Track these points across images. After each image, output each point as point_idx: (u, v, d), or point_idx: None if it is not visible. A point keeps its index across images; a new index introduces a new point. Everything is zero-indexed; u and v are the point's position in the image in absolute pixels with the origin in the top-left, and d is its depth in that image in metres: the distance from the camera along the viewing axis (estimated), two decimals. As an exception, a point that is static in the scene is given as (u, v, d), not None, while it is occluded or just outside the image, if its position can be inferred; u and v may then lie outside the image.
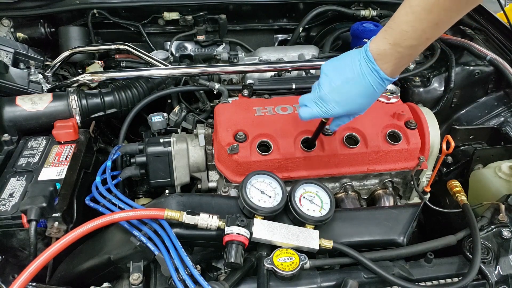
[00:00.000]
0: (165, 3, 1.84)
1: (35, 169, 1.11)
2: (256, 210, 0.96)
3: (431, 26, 0.81)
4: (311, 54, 1.72)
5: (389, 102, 1.30)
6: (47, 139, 1.23)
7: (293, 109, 1.25)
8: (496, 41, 1.70)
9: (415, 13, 0.80)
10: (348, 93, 0.91)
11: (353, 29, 1.73)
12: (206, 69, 1.48)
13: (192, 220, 0.93)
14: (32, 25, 1.68)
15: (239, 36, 1.99)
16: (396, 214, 1.09)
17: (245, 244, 0.92)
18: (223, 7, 1.89)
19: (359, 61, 0.89)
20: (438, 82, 1.58)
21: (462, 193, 1.16)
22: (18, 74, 1.39)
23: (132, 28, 1.88)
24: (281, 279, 0.92)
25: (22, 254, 1.00)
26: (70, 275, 0.99)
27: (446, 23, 0.83)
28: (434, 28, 0.81)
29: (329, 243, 0.96)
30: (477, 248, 0.97)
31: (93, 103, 1.35)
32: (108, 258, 0.94)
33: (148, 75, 1.45)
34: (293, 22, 2.02)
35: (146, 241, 0.91)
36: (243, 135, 1.14)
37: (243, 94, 1.34)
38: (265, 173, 1.04)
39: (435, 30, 0.82)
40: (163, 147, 1.21)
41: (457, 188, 1.18)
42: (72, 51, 1.52)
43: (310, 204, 1.02)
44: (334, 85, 0.92)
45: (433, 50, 1.64)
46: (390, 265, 0.98)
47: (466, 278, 0.92)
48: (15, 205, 0.99)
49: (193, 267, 0.86)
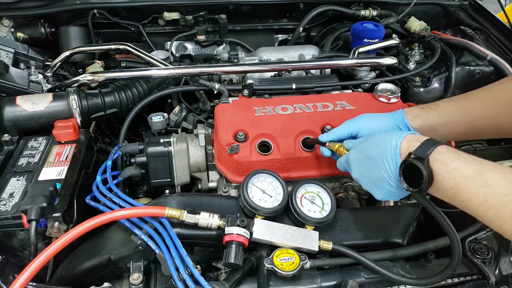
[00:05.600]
0: (165, 3, 1.84)
1: (35, 169, 1.11)
2: (257, 210, 0.96)
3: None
4: (311, 54, 1.72)
5: (389, 102, 1.31)
6: (47, 139, 1.23)
7: (293, 109, 1.25)
8: (497, 41, 1.69)
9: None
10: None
11: (353, 29, 1.73)
12: (206, 69, 1.48)
13: (193, 219, 0.93)
14: (32, 25, 1.68)
15: (239, 36, 1.99)
16: (396, 214, 1.09)
17: (245, 245, 0.92)
18: (223, 7, 1.89)
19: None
20: (439, 82, 1.58)
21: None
22: (19, 74, 1.39)
23: (132, 28, 1.88)
24: (281, 279, 0.92)
25: (22, 254, 1.00)
26: (70, 275, 0.99)
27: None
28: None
29: (328, 245, 0.96)
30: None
31: (93, 103, 1.35)
32: (108, 258, 0.94)
33: (148, 75, 1.45)
34: (293, 22, 2.02)
35: (147, 239, 0.92)
36: (243, 135, 1.14)
37: (243, 94, 1.34)
38: (267, 172, 1.04)
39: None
40: (163, 147, 1.21)
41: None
42: (72, 51, 1.52)
43: (311, 204, 1.02)
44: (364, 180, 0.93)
45: (433, 50, 1.64)
46: (390, 265, 0.98)
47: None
48: (15, 205, 0.99)
49: (194, 267, 0.86)
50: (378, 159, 0.86)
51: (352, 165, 0.96)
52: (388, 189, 0.87)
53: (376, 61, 1.54)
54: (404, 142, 0.83)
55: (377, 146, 0.88)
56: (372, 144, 0.90)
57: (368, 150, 0.90)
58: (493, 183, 0.70)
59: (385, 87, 1.33)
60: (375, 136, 0.92)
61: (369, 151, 0.90)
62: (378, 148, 0.87)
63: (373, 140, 0.91)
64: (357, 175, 0.95)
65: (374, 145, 0.89)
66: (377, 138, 0.90)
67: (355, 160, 0.95)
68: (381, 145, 0.87)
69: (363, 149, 0.93)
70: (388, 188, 0.87)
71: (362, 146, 0.94)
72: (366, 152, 0.91)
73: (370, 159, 0.89)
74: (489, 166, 0.73)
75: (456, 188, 0.74)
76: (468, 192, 0.72)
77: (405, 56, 1.68)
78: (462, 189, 0.73)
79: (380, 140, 0.88)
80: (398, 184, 0.84)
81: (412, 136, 0.84)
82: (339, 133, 1.05)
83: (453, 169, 0.74)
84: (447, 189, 0.76)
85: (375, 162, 0.87)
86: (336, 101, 1.29)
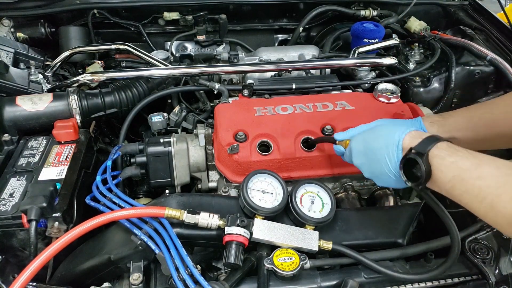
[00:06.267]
0: (165, 3, 1.84)
1: (35, 169, 1.11)
2: (257, 210, 0.96)
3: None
4: (311, 54, 1.72)
5: (389, 102, 1.31)
6: (47, 139, 1.23)
7: (293, 109, 1.25)
8: (497, 41, 1.69)
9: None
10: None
11: (353, 29, 1.73)
12: (206, 69, 1.48)
13: (193, 219, 0.93)
14: (32, 25, 1.68)
15: (239, 36, 1.99)
16: (396, 214, 1.09)
17: (245, 245, 0.92)
18: (223, 7, 1.89)
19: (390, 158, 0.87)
20: (438, 82, 1.58)
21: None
22: (19, 74, 1.39)
23: (132, 28, 1.88)
24: (281, 279, 0.92)
25: (22, 254, 1.00)
26: (70, 275, 0.99)
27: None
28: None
29: (328, 244, 0.96)
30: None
31: (93, 103, 1.35)
32: (108, 258, 0.94)
33: (148, 75, 1.45)
34: (293, 22, 2.02)
35: (146, 239, 0.92)
36: (243, 135, 1.14)
37: (243, 94, 1.34)
38: (267, 172, 1.04)
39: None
40: (163, 147, 1.21)
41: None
42: (72, 51, 1.52)
43: (311, 204, 1.02)
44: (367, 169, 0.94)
45: (433, 50, 1.64)
46: (390, 265, 0.98)
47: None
48: (15, 205, 0.98)
49: (194, 267, 0.86)
50: (380, 152, 0.87)
51: (354, 153, 0.96)
52: (387, 180, 0.89)
53: (376, 61, 1.54)
54: (407, 138, 0.84)
55: (379, 139, 0.89)
56: (375, 136, 0.91)
57: (371, 142, 0.91)
58: (488, 175, 0.72)
59: (385, 87, 1.33)
60: (379, 127, 0.93)
61: (371, 143, 0.91)
62: (381, 142, 0.88)
63: (376, 132, 0.92)
64: (358, 163, 0.96)
65: (377, 138, 0.90)
66: (381, 130, 0.91)
67: (357, 149, 0.95)
68: (383, 138, 0.88)
69: (366, 139, 0.93)
70: (388, 179, 0.89)
71: (365, 136, 0.94)
72: (368, 143, 0.92)
73: (372, 151, 0.90)
74: (485, 159, 0.74)
75: (453, 182, 0.75)
76: (464, 185, 0.74)
77: (405, 56, 1.68)
78: (459, 182, 0.74)
79: (383, 133, 0.89)
80: (398, 176, 0.86)
81: (415, 133, 0.85)
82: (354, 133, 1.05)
83: (450, 163, 0.76)
84: (444, 183, 0.77)
85: (377, 154, 0.88)
86: (336, 101, 1.29)
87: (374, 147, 0.89)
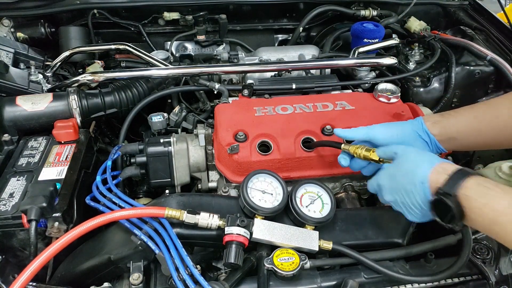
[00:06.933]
0: (165, 3, 1.84)
1: (35, 169, 1.11)
2: (257, 210, 0.96)
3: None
4: (311, 54, 1.72)
5: (389, 102, 1.31)
6: (47, 139, 1.23)
7: (293, 109, 1.25)
8: (497, 41, 1.69)
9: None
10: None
11: (353, 29, 1.73)
12: (206, 69, 1.48)
13: (193, 219, 0.93)
14: (32, 25, 1.68)
15: (239, 36, 1.99)
16: (396, 214, 1.09)
17: (245, 245, 0.92)
18: (223, 7, 1.89)
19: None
20: (438, 82, 1.58)
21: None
22: (18, 74, 1.39)
23: (132, 28, 1.88)
24: (281, 279, 0.92)
25: (22, 254, 1.00)
26: (70, 275, 0.99)
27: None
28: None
29: (328, 244, 0.96)
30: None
31: (93, 103, 1.35)
32: (108, 258, 0.94)
33: (148, 75, 1.45)
34: (293, 22, 2.02)
35: (146, 240, 0.92)
36: (243, 135, 1.14)
37: (243, 94, 1.34)
38: (267, 172, 1.04)
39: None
40: (163, 147, 1.21)
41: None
42: (72, 51, 1.52)
43: (311, 204, 1.02)
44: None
45: (433, 50, 1.64)
46: (390, 265, 0.98)
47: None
48: (15, 205, 0.98)
49: (194, 267, 0.86)
50: (407, 190, 0.86)
51: (383, 190, 0.95)
52: (419, 214, 0.88)
53: (376, 61, 1.54)
54: (433, 175, 0.82)
55: (406, 176, 0.87)
56: (401, 172, 0.89)
57: (398, 179, 0.89)
58: None
59: (385, 87, 1.33)
60: (403, 161, 0.90)
61: (399, 181, 0.89)
62: (407, 179, 0.86)
63: (401, 168, 0.89)
64: (388, 200, 0.94)
65: (404, 175, 0.88)
66: (405, 164, 0.89)
67: (385, 186, 0.94)
68: (410, 175, 0.86)
69: (393, 176, 0.91)
70: (420, 214, 0.88)
71: (392, 172, 0.92)
72: (396, 181, 0.90)
73: (400, 189, 0.88)
74: None
75: (490, 224, 0.73)
76: (504, 228, 0.71)
77: (405, 56, 1.68)
78: (496, 225, 0.72)
79: (409, 169, 0.87)
80: (428, 211, 0.85)
81: (439, 168, 0.82)
82: (355, 133, 1.05)
83: (483, 205, 0.73)
84: (481, 225, 0.75)
85: (405, 192, 0.87)
86: (336, 101, 1.29)
87: (402, 184, 0.88)
